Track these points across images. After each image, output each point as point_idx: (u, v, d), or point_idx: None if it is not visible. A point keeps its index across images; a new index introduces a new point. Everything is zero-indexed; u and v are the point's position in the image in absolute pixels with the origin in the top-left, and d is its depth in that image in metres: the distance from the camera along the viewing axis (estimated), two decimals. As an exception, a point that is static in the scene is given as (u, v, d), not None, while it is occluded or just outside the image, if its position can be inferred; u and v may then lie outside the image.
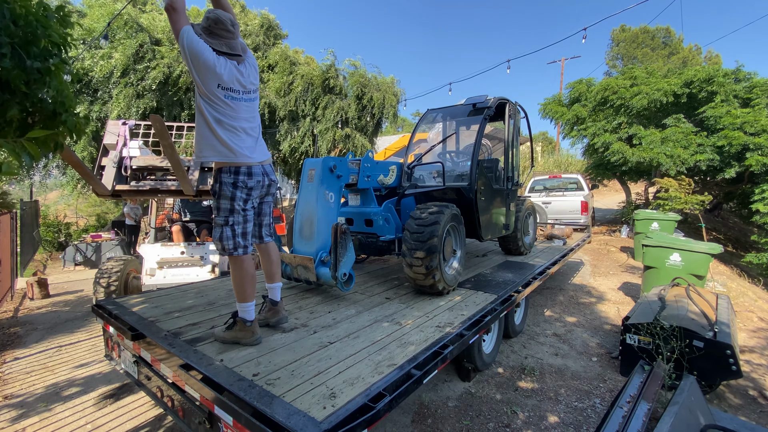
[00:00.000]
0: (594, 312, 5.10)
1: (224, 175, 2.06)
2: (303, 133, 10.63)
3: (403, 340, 2.31)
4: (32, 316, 5.39)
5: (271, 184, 2.27)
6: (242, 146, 2.07)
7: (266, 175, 2.21)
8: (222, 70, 1.96)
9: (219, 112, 2.00)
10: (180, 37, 1.89)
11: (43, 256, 10.58)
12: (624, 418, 2.27)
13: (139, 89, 8.86)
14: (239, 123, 2.06)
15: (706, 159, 8.50)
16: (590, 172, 11.94)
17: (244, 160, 2.07)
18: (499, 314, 3.04)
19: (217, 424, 1.73)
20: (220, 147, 2.02)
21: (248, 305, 2.19)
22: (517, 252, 5.00)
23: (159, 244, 4.85)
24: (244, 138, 2.08)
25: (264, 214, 2.36)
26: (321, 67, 10.85)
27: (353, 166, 3.46)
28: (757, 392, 3.29)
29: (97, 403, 3.11)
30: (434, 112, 4.91)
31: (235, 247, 2.13)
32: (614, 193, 19.06)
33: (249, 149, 2.10)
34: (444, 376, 3.38)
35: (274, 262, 2.44)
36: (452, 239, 3.45)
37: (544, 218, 9.28)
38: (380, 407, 1.61)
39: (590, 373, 3.54)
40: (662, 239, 5.12)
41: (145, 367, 2.29)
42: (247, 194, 2.13)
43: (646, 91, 9.41)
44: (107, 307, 2.82)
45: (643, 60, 27.75)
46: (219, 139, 2.01)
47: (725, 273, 7.31)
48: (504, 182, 4.53)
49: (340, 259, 2.79)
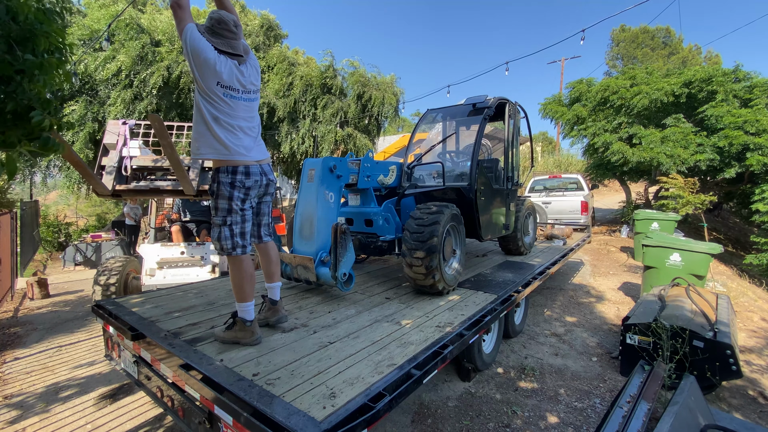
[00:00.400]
0: (594, 312, 5.10)
1: (222, 175, 2.06)
2: (303, 134, 10.64)
3: (403, 340, 2.31)
4: (32, 316, 5.39)
5: (269, 184, 2.26)
6: (239, 144, 2.06)
7: (264, 175, 2.20)
8: (222, 68, 1.97)
9: (217, 110, 2.00)
10: (183, 34, 1.92)
11: (43, 256, 10.58)
12: (624, 418, 2.27)
13: (137, 91, 8.86)
14: (237, 122, 2.06)
15: (706, 159, 8.50)
16: (590, 172, 11.94)
17: (240, 159, 2.07)
18: (499, 314, 3.04)
19: (217, 424, 1.73)
20: (216, 144, 2.02)
21: (247, 305, 2.19)
22: (517, 252, 5.00)
23: (159, 244, 4.83)
24: (242, 137, 2.08)
25: (263, 214, 2.35)
26: (320, 68, 10.85)
27: (353, 166, 3.46)
28: (757, 392, 3.29)
29: (97, 403, 3.11)
30: (434, 112, 4.91)
31: (234, 246, 2.13)
32: (614, 193, 19.06)
33: (246, 148, 2.10)
34: (444, 376, 3.38)
35: (273, 262, 2.44)
36: (452, 239, 3.45)
37: (544, 218, 9.28)
38: (380, 407, 1.61)
39: (590, 373, 3.54)
40: (662, 239, 5.12)
41: (145, 367, 2.28)
42: (245, 194, 2.12)
43: (646, 90, 9.41)
44: (107, 307, 2.82)
45: (643, 60, 27.77)
46: (215, 136, 2.01)
47: (725, 273, 7.31)
48: (504, 182, 4.53)
49: (340, 259, 2.78)
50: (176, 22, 1.96)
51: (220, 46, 2.01)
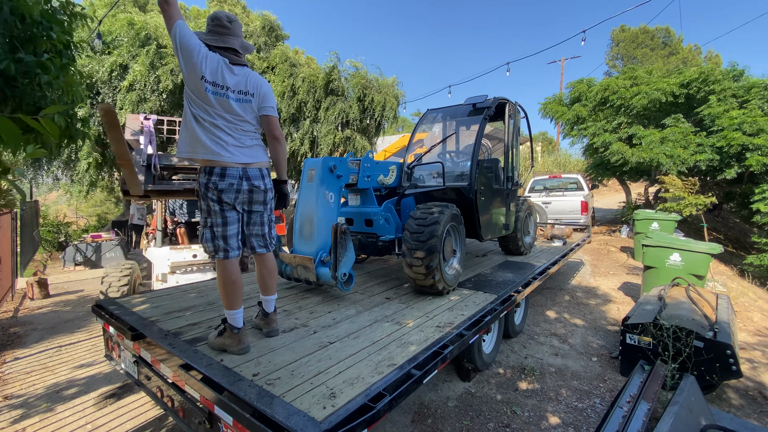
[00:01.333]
0: (594, 312, 5.10)
1: (200, 175, 2.03)
2: (302, 135, 10.63)
3: (403, 340, 2.31)
4: (32, 316, 5.39)
5: (253, 190, 2.09)
6: (218, 144, 1.98)
7: (246, 180, 2.06)
8: (208, 63, 1.94)
9: (199, 108, 1.97)
10: (173, 30, 1.91)
11: (43, 256, 10.58)
12: (624, 418, 2.27)
13: (141, 93, 8.84)
14: (218, 121, 1.98)
15: (705, 159, 8.50)
16: (590, 172, 11.94)
17: (217, 159, 1.98)
18: (499, 314, 3.04)
19: (217, 424, 1.73)
20: (195, 144, 1.97)
21: (234, 313, 2.10)
22: (517, 252, 5.00)
23: (168, 247, 4.68)
24: (223, 136, 2.00)
25: (253, 224, 2.19)
26: (324, 69, 10.83)
27: (353, 166, 3.46)
28: (757, 392, 3.29)
29: (97, 403, 3.10)
30: (434, 112, 4.91)
31: (216, 249, 2.07)
32: (614, 193, 19.07)
33: (227, 148, 2.00)
34: (444, 376, 3.38)
35: (266, 275, 2.31)
36: (452, 239, 3.45)
37: (544, 218, 9.28)
38: (380, 407, 1.61)
39: (590, 373, 3.54)
40: (662, 239, 5.12)
41: (145, 367, 2.28)
42: (217, 196, 2.00)
43: (645, 90, 9.41)
44: (107, 307, 2.82)
45: (643, 60, 27.78)
46: (195, 135, 1.97)
47: (725, 273, 7.31)
48: (504, 182, 4.53)
49: (340, 259, 2.78)
50: (165, 19, 1.94)
51: (213, 42, 2.01)
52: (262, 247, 2.25)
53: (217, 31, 2.04)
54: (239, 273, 2.14)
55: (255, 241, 2.22)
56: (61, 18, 1.44)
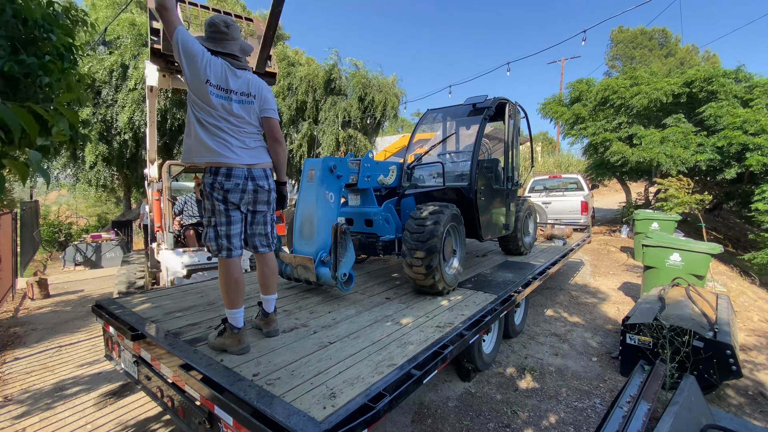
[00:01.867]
0: (594, 312, 5.10)
1: (205, 175, 2.06)
2: (302, 136, 10.62)
3: (403, 340, 2.31)
4: (32, 316, 5.39)
5: (257, 190, 2.13)
6: (223, 146, 2.01)
7: (251, 180, 2.10)
8: (211, 67, 1.96)
9: (203, 111, 1.99)
10: (174, 36, 1.91)
11: (43, 256, 10.58)
12: (624, 418, 2.27)
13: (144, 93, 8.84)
14: (222, 124, 2.01)
15: (706, 159, 8.49)
16: (590, 172, 11.94)
17: (223, 160, 2.01)
18: (499, 314, 3.04)
19: (217, 424, 1.73)
20: (200, 148, 2.00)
21: (235, 312, 2.12)
22: (517, 252, 5.00)
23: (181, 250, 4.56)
24: (227, 138, 2.03)
25: (257, 224, 2.23)
26: (324, 67, 10.81)
27: (353, 166, 3.46)
28: (757, 392, 3.29)
29: (97, 403, 3.11)
30: (434, 113, 4.91)
31: (219, 249, 2.09)
32: (614, 193, 19.07)
33: (231, 149, 2.04)
34: (444, 376, 3.38)
35: (268, 274, 2.33)
36: (452, 239, 3.45)
37: (544, 218, 9.28)
38: (380, 407, 1.61)
39: (590, 373, 3.54)
40: (662, 239, 5.12)
41: (145, 367, 2.28)
42: (223, 196, 2.04)
43: (646, 90, 9.41)
44: (107, 307, 2.82)
45: (641, 60, 27.82)
46: (200, 139, 1.99)
47: (725, 273, 7.31)
48: (504, 182, 4.53)
49: (340, 259, 2.78)
50: (165, 25, 1.94)
51: (213, 47, 2.03)
52: (265, 247, 2.29)
53: (216, 38, 2.06)
54: (241, 272, 2.17)
55: (258, 241, 2.26)
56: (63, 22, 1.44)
